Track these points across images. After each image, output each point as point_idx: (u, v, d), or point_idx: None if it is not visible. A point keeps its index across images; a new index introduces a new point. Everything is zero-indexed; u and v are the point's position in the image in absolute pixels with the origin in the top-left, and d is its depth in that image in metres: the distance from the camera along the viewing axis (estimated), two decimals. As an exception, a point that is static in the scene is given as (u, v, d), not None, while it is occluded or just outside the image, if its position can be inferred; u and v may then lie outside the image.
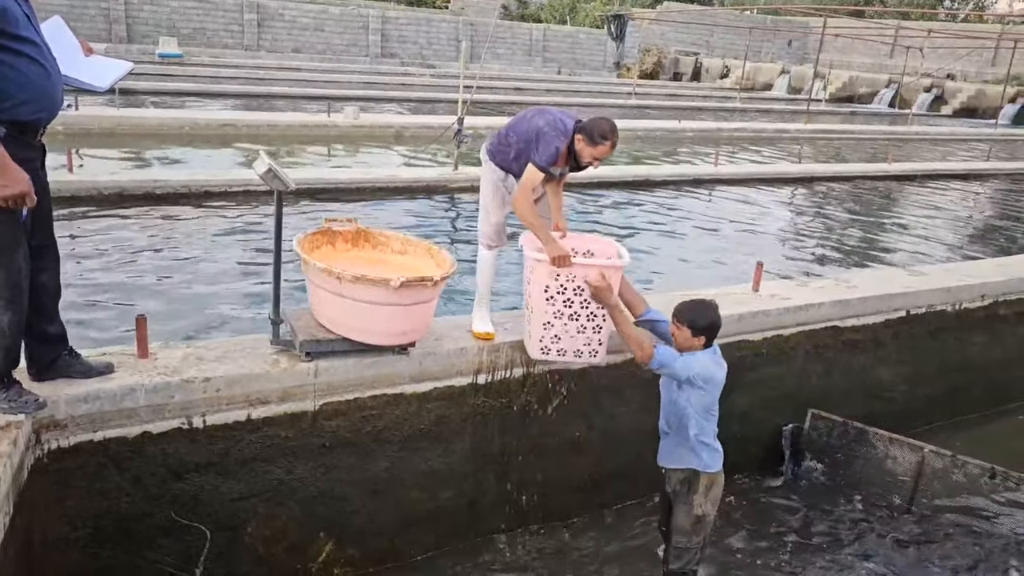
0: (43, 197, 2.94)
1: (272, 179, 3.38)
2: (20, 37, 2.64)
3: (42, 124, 2.81)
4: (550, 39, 35.93)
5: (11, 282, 2.82)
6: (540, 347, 3.88)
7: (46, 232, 3.06)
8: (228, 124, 12.33)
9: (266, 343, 3.67)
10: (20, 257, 2.83)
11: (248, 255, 6.32)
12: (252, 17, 29.30)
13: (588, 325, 3.85)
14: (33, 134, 2.81)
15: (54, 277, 3.13)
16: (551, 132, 3.86)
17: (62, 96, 2.90)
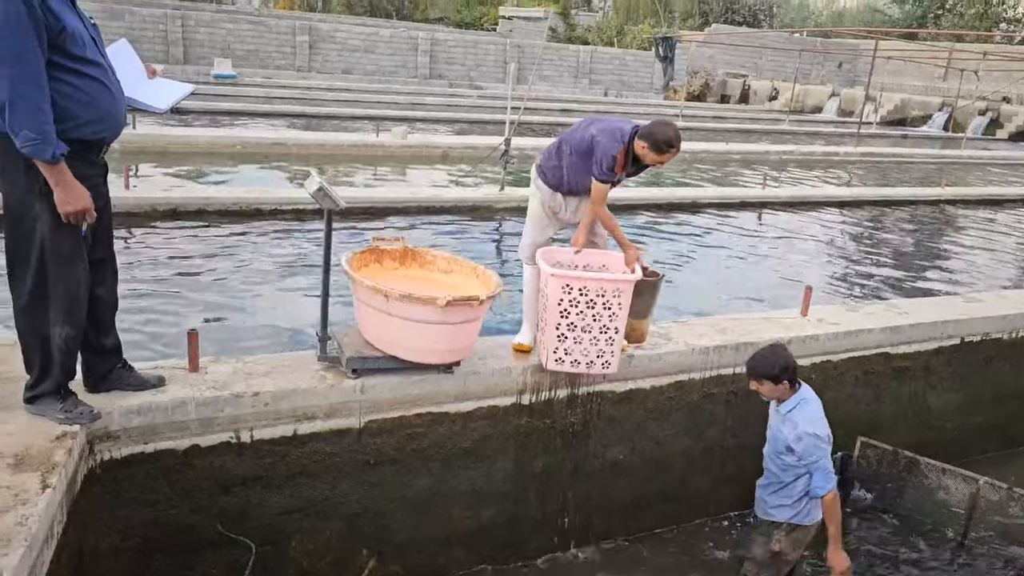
0: (104, 213, 3.03)
1: (323, 198, 3.43)
2: (86, 59, 2.74)
3: (105, 143, 2.91)
4: (597, 61, 36.04)
5: (70, 295, 2.91)
6: (554, 358, 3.86)
7: (106, 247, 3.16)
8: (278, 143, 12.57)
9: (313, 359, 3.71)
10: (80, 271, 2.92)
11: (296, 272, 6.42)
12: (304, 39, 29.94)
13: (600, 337, 3.82)
14: (96, 152, 2.91)
15: (111, 291, 3.22)
16: (606, 141, 3.87)
17: (125, 116, 2.99)
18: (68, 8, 2.73)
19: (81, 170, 2.82)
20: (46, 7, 2.59)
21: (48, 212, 2.77)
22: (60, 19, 2.63)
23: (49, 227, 2.79)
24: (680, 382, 4.42)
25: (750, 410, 4.66)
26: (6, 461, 2.71)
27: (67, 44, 2.67)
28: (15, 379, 3.22)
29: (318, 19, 36.70)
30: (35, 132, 2.59)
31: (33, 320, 2.93)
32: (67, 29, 2.65)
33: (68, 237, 2.84)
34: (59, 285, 2.88)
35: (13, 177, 2.74)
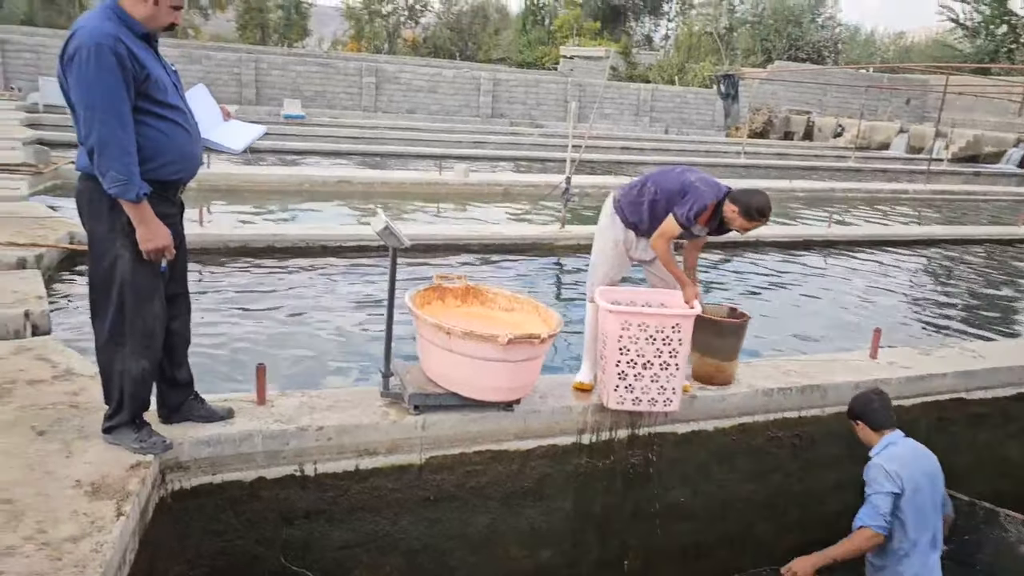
0: (180, 249, 3.16)
1: (388, 236, 3.51)
2: (168, 104, 2.90)
3: (183, 183, 3.05)
4: (658, 99, 36.12)
5: (147, 330, 3.03)
6: (615, 397, 3.84)
7: (181, 282, 3.28)
8: (344, 181, 12.89)
9: (376, 395, 3.77)
10: (157, 307, 3.04)
11: (360, 307, 6.53)
12: (371, 80, 30.78)
13: (661, 374, 3.80)
14: (174, 192, 3.05)
15: (186, 325, 3.34)
16: (703, 187, 3.94)
17: (201, 157, 3.13)
18: (152, 57, 2.90)
19: (161, 208, 2.95)
20: (133, 57, 2.76)
21: (129, 250, 2.91)
22: (145, 67, 2.81)
23: (129, 264, 2.93)
24: (743, 425, 4.34)
25: (817, 456, 4.56)
26: (84, 489, 2.81)
27: (151, 90, 2.83)
28: (95, 409, 3.36)
29: (384, 60, 37.72)
30: (122, 173, 2.74)
31: (111, 353, 3.05)
32: (151, 77, 2.83)
33: (147, 274, 2.97)
34: (137, 320, 3.00)
35: (98, 216, 2.90)
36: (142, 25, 2.86)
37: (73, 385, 3.65)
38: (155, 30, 2.92)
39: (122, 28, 2.79)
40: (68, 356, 4.02)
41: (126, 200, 2.79)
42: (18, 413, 3.34)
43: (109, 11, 2.81)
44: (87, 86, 2.70)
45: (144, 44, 2.88)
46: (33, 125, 17.19)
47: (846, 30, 55.55)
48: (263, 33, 49.61)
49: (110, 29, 2.74)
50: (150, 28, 2.89)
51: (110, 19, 2.79)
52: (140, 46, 2.84)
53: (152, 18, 2.87)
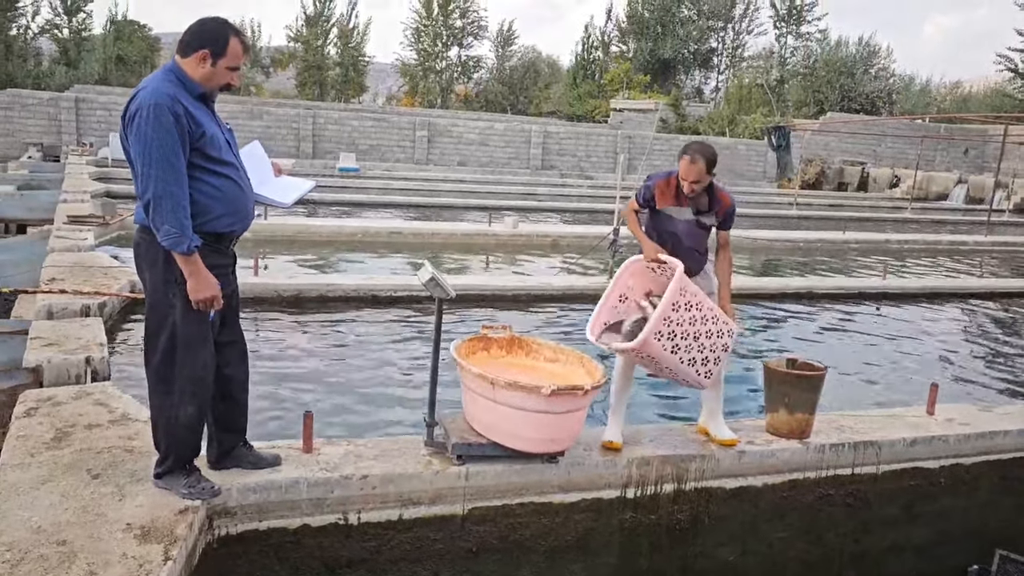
0: (232, 299, 3.26)
1: (434, 287, 3.57)
2: (222, 160, 3.04)
3: (235, 235, 3.16)
4: (708, 150, 36.05)
5: (195, 377, 3.11)
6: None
7: (234, 330, 3.38)
8: (396, 232, 13.14)
9: (420, 444, 3.79)
10: (206, 354, 3.13)
11: (408, 357, 6.59)
12: (423, 134, 31.47)
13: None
14: (227, 244, 3.16)
15: (241, 371, 3.42)
16: (655, 174, 4.30)
17: (253, 210, 3.25)
18: (208, 116, 3.06)
19: (212, 260, 3.07)
20: (190, 116, 2.91)
21: (181, 300, 3.03)
22: (201, 126, 2.96)
23: (181, 314, 3.04)
24: (794, 481, 4.23)
25: (872, 516, 4.41)
26: (134, 532, 2.87)
27: (206, 147, 2.98)
28: (148, 453, 3.44)
29: (436, 115, 38.58)
30: (175, 227, 2.86)
31: (160, 400, 3.15)
32: (207, 134, 2.98)
33: (196, 323, 3.07)
34: (185, 368, 3.09)
35: (153, 267, 3.04)
36: (199, 86, 3.02)
37: (128, 430, 3.76)
38: (212, 90, 3.07)
39: (180, 89, 2.95)
40: (125, 402, 4.14)
41: (178, 252, 2.90)
42: (75, 456, 3.44)
43: (170, 73, 2.99)
44: (145, 143, 2.85)
45: (201, 104, 3.04)
46: (102, 179, 17.96)
47: (900, 80, 55.07)
48: (321, 89, 51.28)
49: (169, 90, 2.90)
50: (207, 88, 3.05)
51: (170, 80, 2.96)
52: (197, 106, 2.99)
53: (209, 79, 3.02)
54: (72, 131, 26.57)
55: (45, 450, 3.48)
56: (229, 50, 3.02)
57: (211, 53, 2.99)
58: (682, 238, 4.17)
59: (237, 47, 3.05)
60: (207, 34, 3.01)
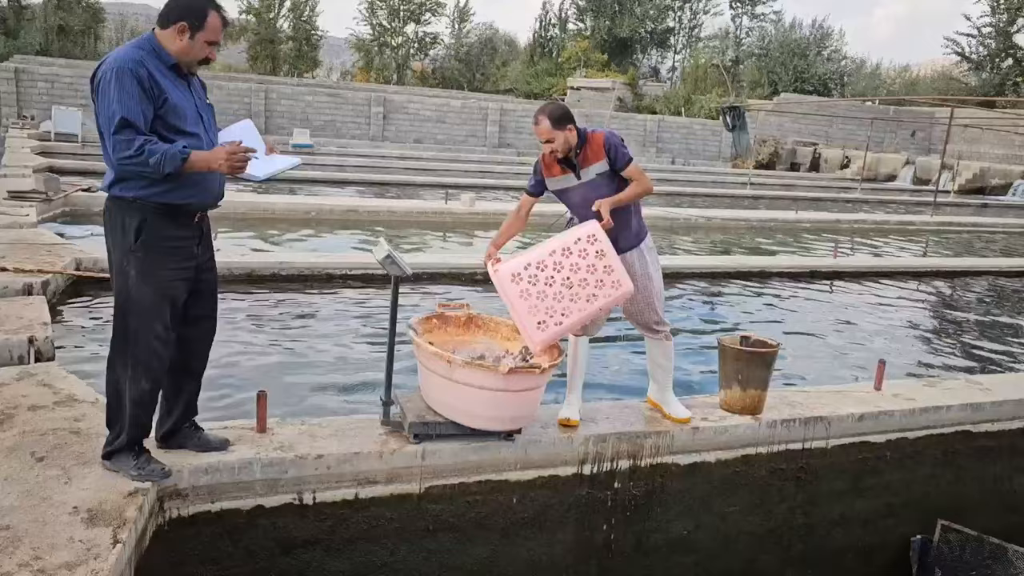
0: (205, 275, 3.24)
1: (390, 265, 3.52)
2: (185, 131, 2.99)
3: (194, 209, 3.07)
4: (664, 130, 36.33)
5: (150, 349, 3.04)
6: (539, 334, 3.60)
7: (206, 305, 3.33)
8: (351, 210, 12.97)
9: (377, 423, 3.76)
10: (159, 327, 3.05)
11: (364, 336, 6.54)
12: (379, 110, 31.08)
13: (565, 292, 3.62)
14: (187, 217, 3.07)
15: (204, 350, 3.37)
16: None
17: (220, 187, 3.17)
18: (179, 86, 3.00)
19: (169, 231, 3.01)
20: (153, 81, 2.88)
21: (135, 268, 2.99)
22: (164, 92, 2.91)
23: (135, 283, 2.99)
24: (747, 456, 4.30)
25: (821, 490, 4.51)
26: (81, 516, 2.80)
27: (167, 115, 2.93)
28: (95, 435, 3.36)
29: (392, 91, 38.11)
30: (157, 154, 2.83)
31: (113, 373, 3.09)
32: (169, 102, 2.92)
33: (149, 295, 3.02)
34: (139, 340, 3.03)
35: (113, 234, 3.02)
36: (172, 58, 2.98)
37: (74, 411, 3.66)
38: (190, 62, 3.03)
39: (150, 57, 2.93)
40: (70, 383, 4.03)
41: (181, 166, 2.85)
42: (18, 439, 3.34)
43: (142, 41, 2.98)
44: (108, 104, 2.83)
45: (173, 74, 2.99)
46: (45, 153, 17.39)
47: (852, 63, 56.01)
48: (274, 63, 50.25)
49: (135, 55, 2.89)
50: (183, 60, 3.00)
51: (141, 47, 2.95)
52: (166, 74, 2.95)
53: (186, 52, 2.99)
54: (12, 103, 25.66)
55: (-14, 433, 3.37)
56: (208, 24, 2.97)
57: (189, 26, 2.95)
58: (582, 206, 3.90)
59: (216, 21, 2.99)
60: (186, 7, 2.96)
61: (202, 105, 3.13)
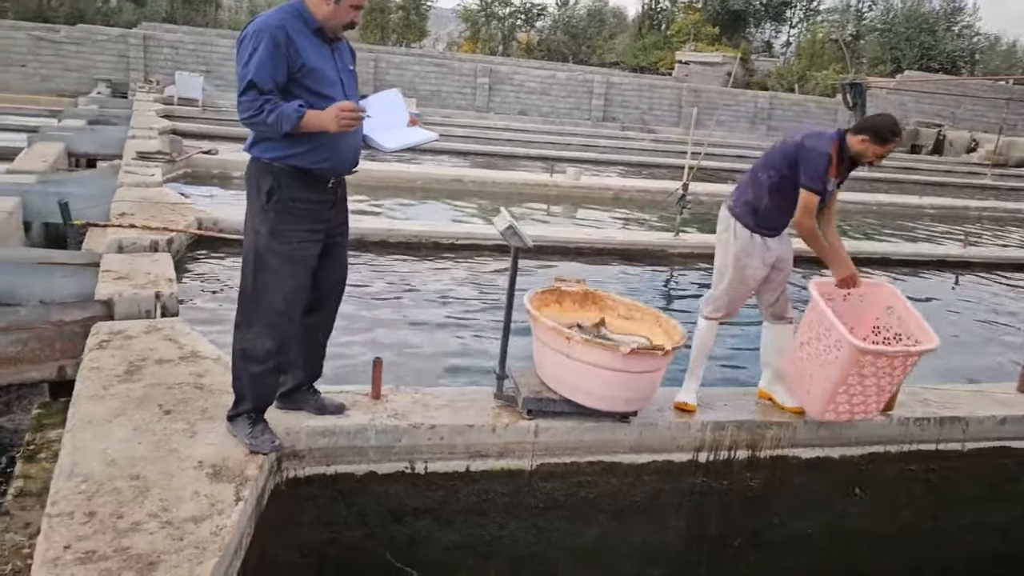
0: (337, 240, 3.23)
1: (511, 236, 3.44)
2: (321, 94, 2.96)
3: (326, 175, 3.05)
4: (776, 107, 34.98)
5: (276, 309, 3.06)
6: (826, 413, 3.73)
7: (338, 269, 3.32)
8: (456, 179, 13.00)
9: (489, 396, 3.71)
10: (289, 287, 3.06)
11: (468, 307, 6.51)
12: (484, 81, 31.06)
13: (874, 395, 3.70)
14: (322, 183, 3.06)
15: (331, 313, 3.39)
16: (815, 142, 3.68)
17: (354, 154, 3.15)
18: (319, 49, 2.98)
19: (301, 194, 3.01)
20: (291, 44, 2.87)
21: (265, 227, 3.01)
22: (301, 56, 2.90)
23: (264, 241, 3.02)
24: (874, 454, 4.05)
25: (954, 493, 4.21)
26: (205, 471, 2.85)
27: (304, 79, 2.93)
28: (218, 391, 3.44)
29: (498, 62, 37.99)
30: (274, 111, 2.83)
31: (241, 331, 3.13)
32: (306, 66, 2.91)
33: (278, 254, 3.03)
34: (264, 297, 3.05)
35: (250, 195, 3.06)
36: (317, 22, 2.96)
37: (198, 367, 3.75)
38: (335, 26, 3.00)
39: (294, 21, 2.92)
40: (194, 339, 4.13)
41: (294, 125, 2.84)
42: (147, 391, 3.44)
43: (290, 6, 2.97)
44: (242, 65, 2.85)
45: (316, 38, 2.98)
46: (169, 116, 18.14)
47: (985, 40, 52.32)
48: (382, 33, 50.89)
49: (276, 19, 2.89)
50: (329, 24, 2.98)
51: (286, 11, 2.94)
52: (308, 37, 2.94)
53: (332, 16, 2.97)
54: (140, 68, 26.86)
55: (117, 383, 3.49)
56: None
57: None
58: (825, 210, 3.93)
59: None
60: None
61: (344, 70, 3.10)
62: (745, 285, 4.00)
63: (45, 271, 5.30)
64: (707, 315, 4.03)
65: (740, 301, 4.05)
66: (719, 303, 4.02)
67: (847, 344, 3.46)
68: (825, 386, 3.63)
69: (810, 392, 3.75)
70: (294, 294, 3.10)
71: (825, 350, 3.60)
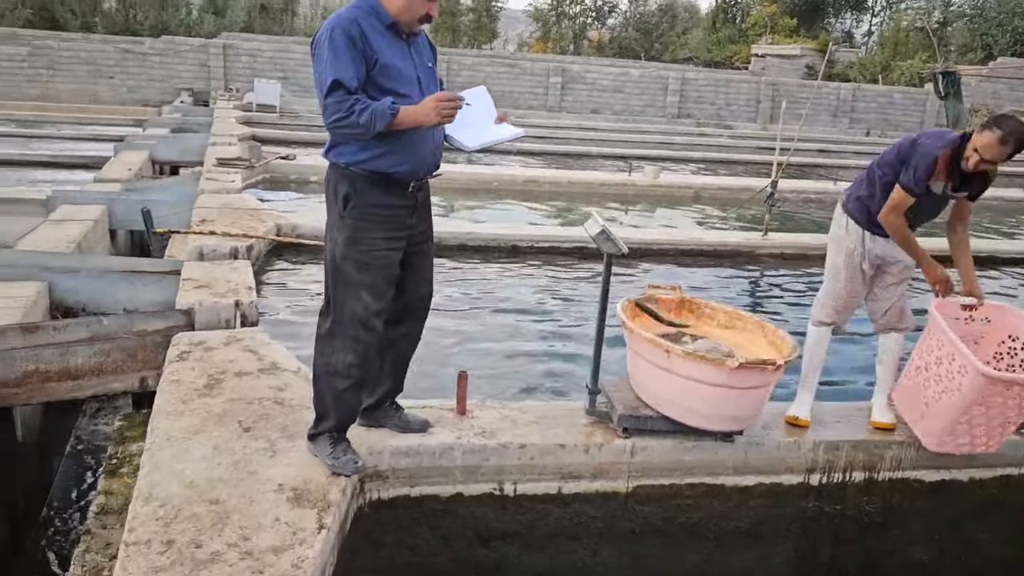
0: (420, 247, 3.06)
1: (604, 241, 3.20)
2: (397, 93, 2.77)
3: (405, 178, 2.87)
4: (859, 99, 33.67)
5: (356, 319, 2.89)
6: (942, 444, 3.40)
7: (422, 278, 3.15)
8: (532, 180, 12.78)
9: (580, 412, 3.48)
10: (367, 297, 2.88)
11: (551, 313, 6.28)
12: (557, 80, 30.81)
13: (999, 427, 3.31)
14: (401, 188, 2.87)
15: (416, 325, 3.21)
16: (928, 141, 3.39)
17: (434, 155, 2.96)
18: (394, 45, 2.81)
19: (379, 199, 2.84)
20: (366, 40, 2.70)
21: (343, 235, 2.85)
22: (376, 53, 2.73)
23: (342, 250, 2.86)
24: (1007, 477, 3.66)
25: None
26: (286, 494, 2.70)
27: (379, 77, 2.75)
28: (298, 407, 3.31)
29: (569, 61, 37.66)
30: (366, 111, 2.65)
31: (321, 345, 2.97)
32: (380, 63, 2.73)
33: (357, 263, 2.86)
34: (344, 309, 2.90)
35: (328, 202, 2.91)
36: (390, 17, 2.78)
37: (278, 380, 3.62)
38: (409, 20, 2.82)
39: (367, 16, 2.75)
40: (273, 349, 4.02)
41: (391, 121, 2.67)
42: (227, 406, 3.33)
43: (359, 1, 2.80)
44: (321, 66, 2.69)
45: (390, 34, 2.80)
46: (248, 123, 18.48)
47: (1085, 22, 49.31)
48: (453, 36, 51.15)
49: (350, 15, 2.73)
50: (403, 19, 2.80)
51: (357, 6, 2.78)
52: (383, 33, 2.77)
53: (405, 9, 2.79)
54: (220, 77, 27.55)
55: (197, 397, 3.39)
56: None
57: None
58: (925, 213, 3.60)
59: None
60: None
61: (421, 67, 2.91)
62: (856, 287, 3.68)
63: (129, 279, 5.31)
64: (818, 321, 3.72)
65: (853, 305, 3.72)
66: (830, 307, 3.71)
67: (973, 371, 3.11)
68: (945, 416, 3.28)
69: (924, 418, 3.41)
70: (375, 304, 2.92)
71: (947, 376, 3.25)
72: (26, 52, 25.68)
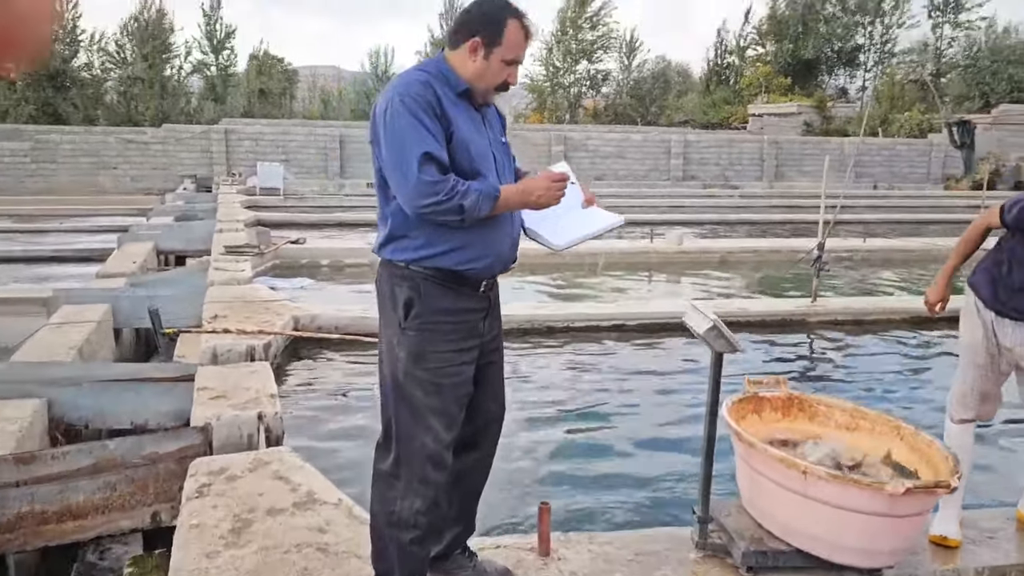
0: (492, 360, 2.50)
1: (716, 339, 2.64)
2: (473, 173, 2.28)
3: (480, 277, 2.34)
4: (863, 152, 33.62)
5: (423, 454, 2.34)
6: None
7: (494, 394, 2.57)
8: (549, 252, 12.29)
9: (687, 543, 2.88)
10: (438, 425, 2.32)
11: (609, 408, 5.66)
12: (559, 148, 30.79)
13: None
14: (470, 286, 2.34)
15: (487, 453, 2.62)
16: None
17: (512, 249, 2.44)
18: (468, 116, 2.32)
19: (448, 303, 2.31)
20: (441, 108, 2.22)
21: (406, 350, 2.30)
22: (451, 124, 2.24)
23: (405, 367, 2.31)
24: None
25: None
26: None
27: (453, 153, 2.25)
28: (344, 553, 2.73)
29: (569, 129, 37.86)
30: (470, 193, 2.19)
31: (380, 486, 2.41)
32: (456, 137, 2.24)
33: (422, 383, 2.31)
34: (411, 443, 2.33)
35: (384, 310, 2.37)
36: (464, 83, 2.31)
37: (318, 517, 3.03)
38: (485, 89, 2.35)
39: (438, 81, 2.27)
40: (307, 474, 3.43)
41: (492, 207, 2.22)
42: (259, 557, 2.73)
43: (428, 63, 2.35)
44: (397, 140, 2.19)
45: (464, 103, 2.32)
46: (252, 207, 18.17)
47: (1077, 67, 49.82)
48: (452, 110, 51.65)
49: (419, 77, 2.25)
50: (478, 86, 2.33)
51: (424, 69, 2.31)
52: (456, 102, 2.29)
53: (481, 75, 2.31)
54: (222, 162, 27.50)
55: (223, 548, 2.79)
56: (506, 37, 2.29)
57: (483, 42, 2.28)
58: None
59: (517, 34, 2.31)
60: (478, 17, 2.30)
61: (495, 142, 2.42)
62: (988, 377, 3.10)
63: (135, 388, 4.75)
64: (958, 418, 3.13)
65: (994, 396, 3.14)
66: (968, 400, 3.12)
67: None
68: None
69: None
70: (447, 434, 2.36)
71: None
72: (28, 147, 25.70)
